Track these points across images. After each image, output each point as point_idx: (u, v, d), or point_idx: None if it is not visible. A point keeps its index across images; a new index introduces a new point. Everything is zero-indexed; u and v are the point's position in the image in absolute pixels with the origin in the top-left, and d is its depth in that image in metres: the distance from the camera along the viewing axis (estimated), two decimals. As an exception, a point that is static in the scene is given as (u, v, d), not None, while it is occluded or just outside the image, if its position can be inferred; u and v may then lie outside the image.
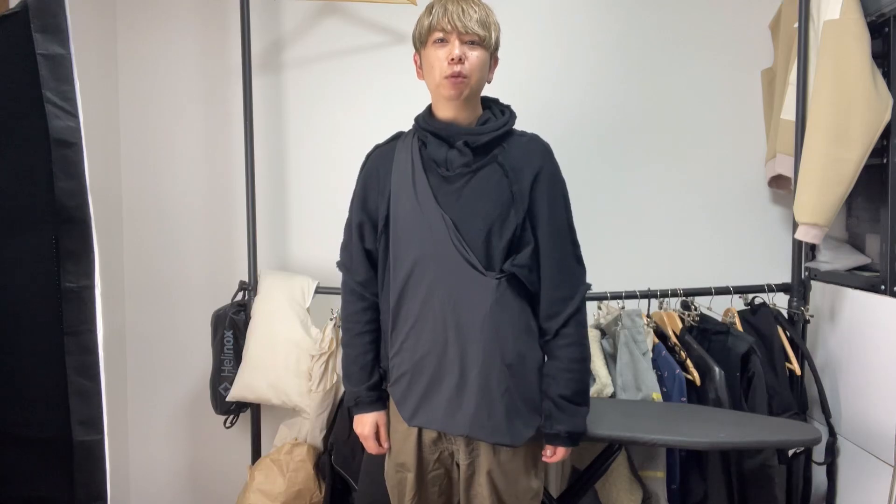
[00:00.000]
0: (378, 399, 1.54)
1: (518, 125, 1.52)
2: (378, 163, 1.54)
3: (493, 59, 1.48)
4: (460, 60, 1.38)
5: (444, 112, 1.46)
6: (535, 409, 1.46)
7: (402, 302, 1.46)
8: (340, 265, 1.60)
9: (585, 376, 1.48)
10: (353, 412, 1.58)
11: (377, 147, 1.58)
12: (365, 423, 1.54)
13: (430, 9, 1.42)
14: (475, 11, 1.39)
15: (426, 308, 1.42)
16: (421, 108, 1.54)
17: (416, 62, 1.51)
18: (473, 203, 1.42)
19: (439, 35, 1.39)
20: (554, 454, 1.47)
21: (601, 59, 2.38)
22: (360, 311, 1.55)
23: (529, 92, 2.35)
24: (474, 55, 1.40)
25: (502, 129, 1.45)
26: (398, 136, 1.57)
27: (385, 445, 1.55)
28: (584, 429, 1.47)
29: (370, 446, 1.56)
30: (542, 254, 1.45)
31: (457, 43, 1.38)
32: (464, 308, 1.40)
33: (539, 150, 1.49)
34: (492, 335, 1.40)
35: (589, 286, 1.50)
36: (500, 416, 1.40)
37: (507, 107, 1.53)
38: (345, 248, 1.59)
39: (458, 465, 1.50)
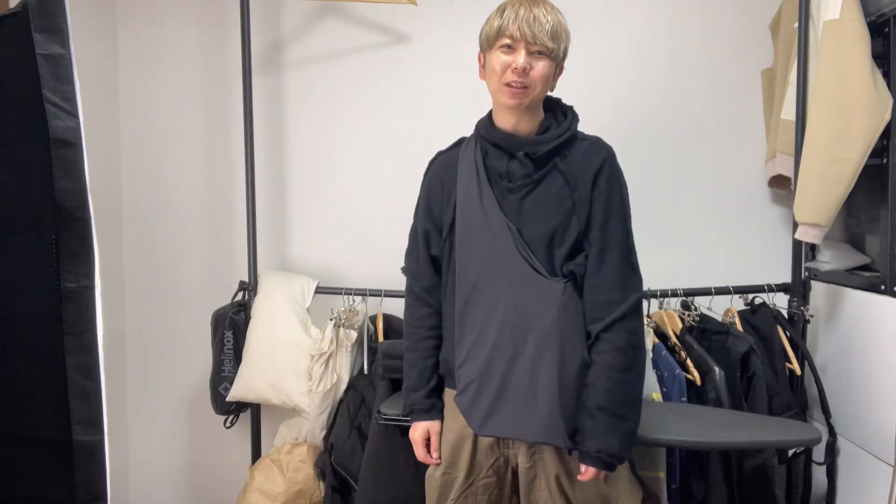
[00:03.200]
0: (433, 407, 1.53)
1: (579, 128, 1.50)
2: (441, 170, 1.54)
3: (558, 69, 1.44)
4: (524, 72, 1.34)
5: (504, 121, 1.44)
6: None
7: (467, 310, 1.45)
8: (406, 270, 1.60)
9: (630, 388, 1.37)
10: (410, 418, 1.57)
11: (440, 154, 1.58)
12: (417, 429, 1.53)
13: (501, 10, 1.37)
14: (547, 21, 1.34)
15: (492, 316, 1.41)
16: (421, 108, 1.55)
17: (479, 61, 1.47)
18: (536, 212, 1.41)
19: (507, 41, 1.35)
20: (585, 473, 1.37)
21: (600, 58, 2.38)
22: (424, 316, 1.54)
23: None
24: (540, 66, 1.36)
25: (563, 136, 1.42)
26: (460, 143, 1.56)
27: (435, 456, 1.53)
28: (620, 451, 1.35)
29: (419, 453, 1.54)
30: (592, 257, 1.40)
31: (523, 53, 1.34)
32: (531, 314, 1.39)
33: (600, 156, 1.44)
34: (560, 340, 1.38)
35: (644, 295, 1.46)
36: (574, 421, 1.38)
37: (570, 108, 1.49)
38: (409, 253, 1.59)
39: (513, 471, 1.48)
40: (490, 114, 1.49)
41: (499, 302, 1.41)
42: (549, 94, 1.47)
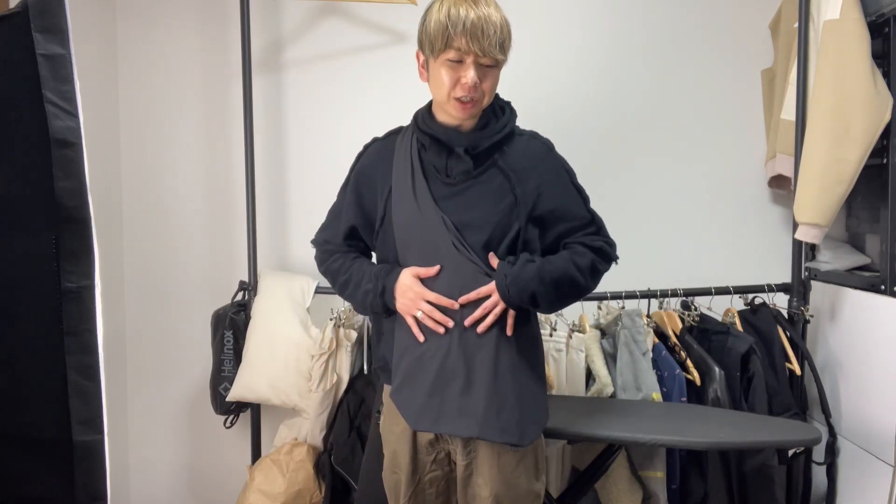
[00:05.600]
0: (392, 268, 1.43)
1: (517, 124, 1.50)
2: (375, 159, 1.51)
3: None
4: (475, 87, 1.33)
5: (446, 118, 1.42)
6: (540, 409, 1.44)
7: None
8: (315, 241, 1.57)
9: (575, 273, 1.40)
10: (385, 296, 1.41)
11: (375, 140, 1.55)
12: (411, 285, 1.38)
13: (446, 19, 1.30)
14: (495, 32, 1.31)
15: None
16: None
17: (418, 60, 1.43)
18: (474, 208, 1.39)
19: (454, 55, 1.32)
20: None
21: (601, 58, 2.38)
22: (342, 253, 1.52)
23: (529, 91, 2.35)
24: (489, 77, 1.35)
25: (503, 132, 1.42)
26: (397, 132, 1.53)
27: (434, 270, 1.38)
28: (518, 296, 1.35)
29: (429, 296, 1.36)
30: (563, 235, 1.44)
31: (472, 67, 1.32)
32: (468, 310, 1.38)
33: (539, 150, 1.46)
34: (498, 336, 1.38)
35: (617, 257, 1.50)
36: (509, 416, 1.38)
37: (507, 104, 1.48)
38: (324, 230, 1.57)
39: (454, 465, 1.48)
40: (429, 106, 1.46)
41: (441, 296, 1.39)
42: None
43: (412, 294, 1.38)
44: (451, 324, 1.37)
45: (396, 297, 1.40)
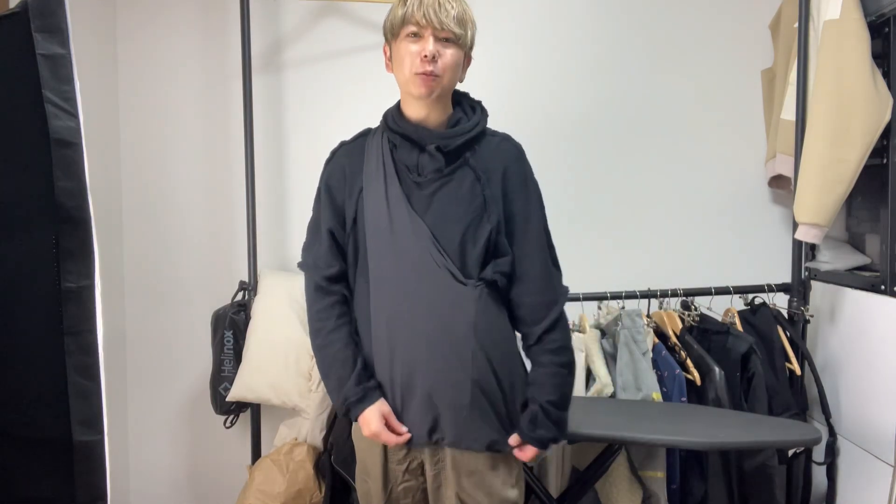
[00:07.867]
0: (374, 388, 1.38)
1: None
2: (344, 161, 1.47)
3: (466, 58, 1.41)
4: (433, 59, 1.32)
5: (414, 111, 1.40)
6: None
7: (375, 312, 1.39)
8: (303, 265, 1.49)
9: (571, 381, 1.43)
10: (351, 416, 1.40)
11: (343, 144, 1.52)
12: (370, 421, 1.36)
13: (403, 0, 1.34)
14: (452, 7, 1.32)
15: (402, 319, 1.36)
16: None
17: (385, 53, 1.44)
18: (447, 208, 1.37)
19: (413, 29, 1.33)
20: (526, 451, 1.38)
21: (601, 58, 2.38)
22: (327, 306, 1.42)
23: (529, 91, 2.35)
24: (448, 53, 1.34)
25: (474, 130, 1.40)
26: (366, 133, 1.51)
27: (404, 431, 1.37)
28: (562, 436, 1.42)
29: (388, 439, 1.37)
30: (519, 258, 1.40)
31: (431, 39, 1.32)
32: (445, 319, 1.35)
33: (510, 153, 1.43)
34: (477, 346, 1.34)
35: (567, 290, 1.46)
36: (491, 425, 1.37)
37: (479, 103, 1.47)
38: (308, 247, 1.49)
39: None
40: (398, 105, 1.45)
41: (409, 304, 1.36)
42: (457, 87, 1.44)
43: (368, 433, 1.38)
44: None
45: (362, 429, 1.39)
